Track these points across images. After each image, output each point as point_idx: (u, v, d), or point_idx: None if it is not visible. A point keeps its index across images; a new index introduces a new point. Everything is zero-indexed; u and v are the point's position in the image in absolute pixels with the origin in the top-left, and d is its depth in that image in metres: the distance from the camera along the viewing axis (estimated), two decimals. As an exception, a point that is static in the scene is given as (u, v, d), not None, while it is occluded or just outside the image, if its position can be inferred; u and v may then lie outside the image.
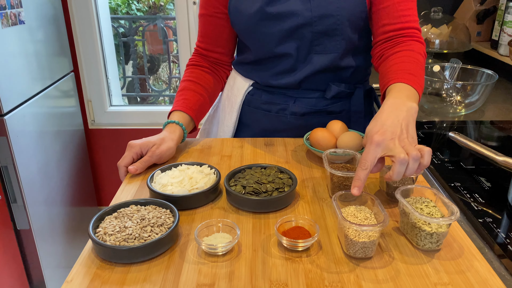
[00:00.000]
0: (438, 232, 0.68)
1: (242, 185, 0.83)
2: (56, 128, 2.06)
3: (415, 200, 0.75)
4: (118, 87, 2.59)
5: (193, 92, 1.08)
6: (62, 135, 2.12)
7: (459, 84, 1.39)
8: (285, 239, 0.69)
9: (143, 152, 0.95)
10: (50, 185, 1.98)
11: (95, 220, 0.72)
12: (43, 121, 1.94)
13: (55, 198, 2.02)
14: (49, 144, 1.98)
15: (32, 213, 1.79)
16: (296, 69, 1.05)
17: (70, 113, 2.26)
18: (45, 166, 1.93)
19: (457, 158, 1.12)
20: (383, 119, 0.75)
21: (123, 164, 0.93)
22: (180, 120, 1.02)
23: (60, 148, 2.10)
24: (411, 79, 0.87)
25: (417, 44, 0.96)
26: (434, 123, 1.36)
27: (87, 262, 0.68)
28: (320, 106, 1.09)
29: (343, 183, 0.83)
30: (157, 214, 0.73)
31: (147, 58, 3.19)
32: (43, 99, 1.94)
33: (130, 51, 2.68)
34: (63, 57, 2.16)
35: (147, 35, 2.86)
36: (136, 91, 2.84)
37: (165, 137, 0.98)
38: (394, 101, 0.79)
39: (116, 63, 2.53)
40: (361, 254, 0.67)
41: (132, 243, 0.67)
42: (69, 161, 2.20)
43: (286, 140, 1.10)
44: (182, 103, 1.05)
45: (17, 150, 1.69)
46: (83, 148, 2.37)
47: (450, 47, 1.92)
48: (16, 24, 1.72)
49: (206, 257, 0.69)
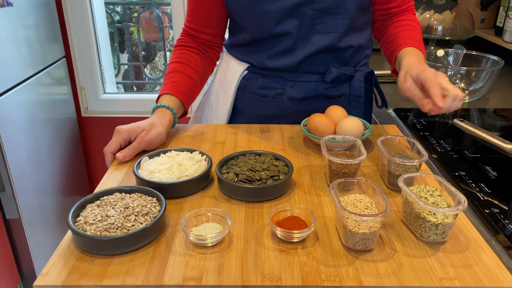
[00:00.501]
0: (444, 223, 0.63)
1: (234, 173, 0.78)
2: (47, 115, 2.00)
3: (419, 188, 0.70)
4: (112, 74, 2.53)
5: (183, 75, 1.02)
6: (53, 123, 2.06)
7: (463, 70, 1.33)
8: (280, 229, 0.64)
9: (132, 138, 0.90)
10: (41, 174, 1.92)
11: (76, 208, 0.67)
12: (34, 108, 1.88)
13: (46, 187, 1.97)
14: (39, 132, 1.92)
15: (21, 202, 1.74)
16: (295, 49, 0.99)
17: (62, 101, 2.20)
18: (35, 155, 1.87)
19: (461, 146, 1.07)
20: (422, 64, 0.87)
21: (109, 150, 0.88)
22: (170, 104, 0.97)
23: (52, 136, 2.04)
24: (418, 45, 0.98)
25: (414, 16, 1.07)
26: (436, 111, 1.31)
27: (66, 253, 0.63)
28: (319, 90, 1.04)
29: (342, 170, 0.78)
30: (143, 203, 0.68)
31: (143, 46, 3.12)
32: (33, 86, 1.88)
33: (125, 38, 2.61)
34: (55, 43, 2.10)
35: (142, 21, 2.78)
36: (131, 79, 2.78)
37: (155, 122, 0.92)
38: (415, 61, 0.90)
39: (110, 49, 2.47)
40: (361, 246, 0.63)
41: (114, 233, 0.62)
42: (61, 150, 2.14)
43: (282, 127, 1.04)
44: (171, 86, 0.99)
45: (5, 138, 1.63)
46: (75, 137, 2.32)
47: (453, 34, 1.86)
48: (3, 6, 1.65)
49: (194, 248, 0.64)
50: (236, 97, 1.10)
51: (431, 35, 1.89)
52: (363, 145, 0.81)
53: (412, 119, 1.25)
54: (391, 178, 0.78)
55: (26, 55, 1.82)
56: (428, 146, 1.07)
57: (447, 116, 1.29)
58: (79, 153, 2.38)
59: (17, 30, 1.76)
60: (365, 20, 1.03)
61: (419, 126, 1.19)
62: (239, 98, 1.10)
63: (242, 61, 1.07)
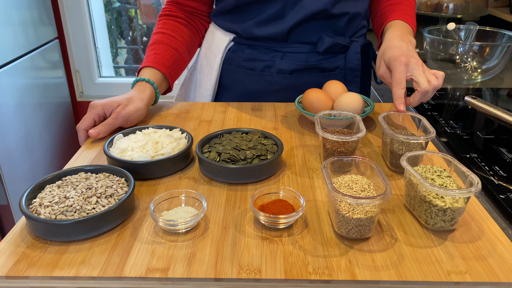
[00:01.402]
0: (453, 208, 0.54)
1: (217, 152, 0.69)
2: (39, 99, 1.92)
3: (425, 169, 0.61)
4: (109, 58, 2.45)
5: (166, 46, 0.93)
6: (46, 107, 1.99)
7: (476, 46, 1.23)
8: (263, 214, 0.55)
9: (107, 114, 0.82)
10: (32, 159, 1.86)
11: (33, 189, 0.59)
12: (22, 91, 1.80)
13: (37, 172, 1.90)
14: (29, 116, 1.84)
15: (10, 188, 1.68)
16: (284, 15, 0.90)
17: (56, 84, 2.12)
18: (25, 139, 1.80)
19: (472, 127, 0.98)
20: (398, 46, 0.80)
21: (82, 127, 0.80)
22: (151, 77, 0.88)
23: (43, 120, 1.96)
24: (408, 19, 0.91)
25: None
26: (446, 91, 1.21)
27: (17, 239, 0.55)
28: (311, 62, 0.94)
29: (337, 149, 0.69)
30: (108, 183, 0.60)
31: (144, 31, 3.03)
32: (22, 68, 1.80)
33: (122, 20, 2.52)
34: (46, 24, 2.01)
35: (139, 3, 2.69)
36: (129, 63, 2.69)
37: (133, 97, 0.84)
38: (397, 34, 0.84)
39: (106, 32, 2.38)
40: (356, 234, 0.54)
41: (72, 217, 0.54)
42: (54, 134, 2.07)
43: (276, 105, 0.95)
44: (153, 59, 0.90)
45: (-9, 120, 1.56)
46: (69, 121, 2.24)
47: (465, 12, 1.74)
48: (-13, -19, 1.57)
49: (164, 235, 0.55)
50: (221, 72, 1.00)
51: (441, 14, 1.78)
52: (362, 122, 0.72)
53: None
54: (394, 158, 0.69)
55: (10, 35, 1.73)
56: (437, 127, 0.97)
57: (457, 96, 1.19)
58: (74, 138, 2.31)
59: (4, 10, 1.67)
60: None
61: (427, 105, 1.10)
62: (225, 73, 1.00)
63: (228, 31, 0.98)
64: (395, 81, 0.76)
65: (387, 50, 0.81)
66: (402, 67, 0.76)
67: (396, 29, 0.86)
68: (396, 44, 0.81)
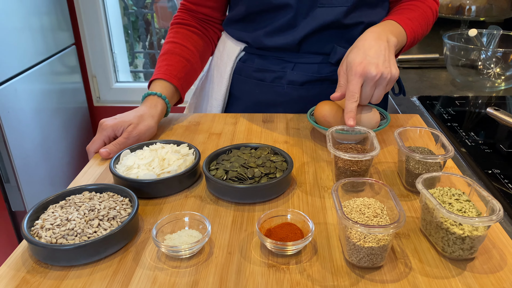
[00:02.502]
0: (473, 236, 0.51)
1: (224, 169, 0.67)
2: (56, 104, 1.94)
3: (442, 192, 0.57)
4: (126, 63, 2.46)
5: (178, 57, 0.91)
6: (63, 112, 2.01)
7: (499, 53, 1.18)
8: (269, 240, 0.53)
9: (117, 134, 0.80)
10: (49, 165, 1.87)
11: (36, 209, 0.58)
12: (40, 96, 1.82)
13: (54, 178, 1.92)
14: (46, 121, 1.86)
15: (26, 193, 1.69)
16: (296, 25, 0.87)
17: (73, 89, 2.13)
18: (42, 145, 1.82)
19: (494, 139, 0.93)
20: (366, 48, 0.74)
21: (92, 149, 0.79)
22: (162, 91, 0.86)
23: (60, 125, 1.98)
24: (405, 22, 0.84)
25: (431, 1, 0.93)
26: (467, 99, 1.16)
27: (18, 263, 0.54)
28: (323, 73, 0.91)
29: (350, 168, 0.66)
30: (111, 204, 0.58)
31: (161, 34, 3.03)
32: (40, 74, 1.82)
33: (139, 25, 2.53)
34: (64, 29, 2.03)
35: (156, 8, 2.70)
36: (145, 68, 2.70)
37: (144, 114, 0.82)
38: (376, 30, 0.78)
39: (123, 37, 2.39)
40: (367, 263, 0.51)
41: (72, 241, 0.53)
42: (71, 140, 2.09)
43: (288, 116, 0.93)
44: (165, 70, 0.89)
45: (8, 127, 1.58)
46: (86, 126, 2.26)
47: (488, 14, 1.68)
48: (5, -10, 1.59)
49: (167, 261, 0.54)
50: (232, 82, 0.98)
51: (463, 16, 1.72)
52: (376, 138, 0.69)
53: (438, 108, 1.10)
54: (410, 177, 0.66)
55: (29, 42, 1.76)
56: (456, 138, 0.93)
57: (479, 104, 1.14)
58: (91, 143, 2.32)
59: (19, 15, 1.69)
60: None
61: (447, 116, 1.05)
62: (235, 83, 0.98)
63: (239, 40, 0.96)
64: (348, 93, 0.73)
65: (354, 48, 0.75)
66: (355, 78, 0.72)
67: (378, 25, 0.80)
68: (366, 45, 0.74)
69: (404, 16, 0.86)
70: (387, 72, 0.72)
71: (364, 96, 0.74)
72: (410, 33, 0.84)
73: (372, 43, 0.74)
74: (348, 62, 0.74)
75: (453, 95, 1.19)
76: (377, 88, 0.73)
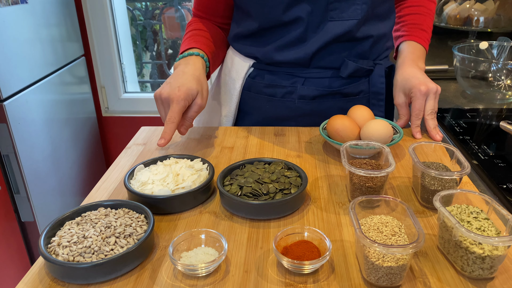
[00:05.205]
0: (493, 256, 0.50)
1: (238, 185, 0.67)
2: (65, 115, 1.96)
3: (460, 209, 0.57)
4: (134, 73, 2.47)
5: (204, 38, 0.93)
6: (72, 123, 2.02)
7: (510, 65, 1.17)
8: (286, 259, 0.52)
9: (188, 104, 0.80)
10: (58, 175, 1.88)
11: (52, 226, 0.58)
12: (49, 107, 1.83)
13: (64, 189, 1.93)
14: (56, 132, 1.87)
15: (36, 204, 1.70)
16: (306, 39, 0.87)
17: (82, 100, 2.15)
18: (51, 156, 1.83)
19: (507, 152, 0.92)
20: (413, 74, 0.87)
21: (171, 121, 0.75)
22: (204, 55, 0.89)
23: (70, 136, 1.99)
24: (422, 36, 0.95)
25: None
26: (478, 111, 1.16)
27: (35, 281, 0.54)
28: (334, 87, 0.91)
29: (365, 184, 0.65)
30: (127, 221, 0.58)
31: (169, 44, 3.05)
32: (50, 85, 1.84)
33: (147, 35, 2.55)
34: (73, 41, 2.05)
35: (164, 19, 2.72)
36: (153, 78, 2.72)
37: (200, 78, 0.82)
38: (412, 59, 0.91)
39: (131, 47, 2.41)
40: (386, 282, 0.51)
41: (90, 259, 0.53)
42: (80, 150, 2.10)
43: (300, 130, 0.93)
44: (197, 42, 0.90)
45: (18, 138, 1.59)
46: (95, 137, 2.27)
47: (496, 25, 1.68)
48: (17, 3, 1.61)
49: (183, 279, 0.53)
50: (241, 98, 0.98)
51: (471, 27, 1.72)
52: (391, 154, 0.68)
53: (449, 120, 1.10)
54: (425, 193, 0.66)
55: (40, 54, 1.78)
56: (468, 151, 0.92)
57: (490, 117, 1.13)
58: (99, 154, 2.33)
59: (31, 28, 1.71)
60: (389, 7, 0.90)
61: (458, 128, 1.05)
62: (244, 99, 0.98)
63: (248, 56, 0.96)
64: (414, 111, 0.86)
65: (402, 80, 0.87)
66: (422, 97, 0.84)
67: (410, 53, 0.92)
68: (414, 71, 0.87)
69: (418, 28, 0.96)
70: (436, 86, 0.85)
71: (427, 108, 0.85)
72: (427, 44, 0.96)
73: (414, 70, 0.88)
74: (409, 88, 0.86)
75: (464, 107, 1.19)
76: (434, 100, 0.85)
